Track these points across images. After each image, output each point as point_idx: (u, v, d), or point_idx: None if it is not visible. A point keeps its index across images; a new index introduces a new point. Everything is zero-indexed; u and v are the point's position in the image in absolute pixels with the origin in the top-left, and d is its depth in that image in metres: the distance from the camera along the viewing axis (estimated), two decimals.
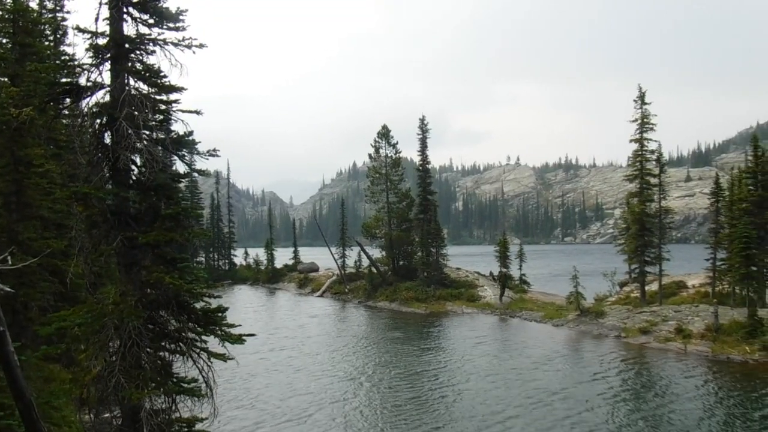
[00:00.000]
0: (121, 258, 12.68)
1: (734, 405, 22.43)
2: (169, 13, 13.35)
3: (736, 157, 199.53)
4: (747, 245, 32.23)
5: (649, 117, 41.56)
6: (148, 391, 11.85)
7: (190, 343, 12.91)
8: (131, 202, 13.14)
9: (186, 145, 13.51)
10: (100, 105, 13.04)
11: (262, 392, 24.79)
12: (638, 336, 34.08)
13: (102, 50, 13.06)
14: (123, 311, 11.86)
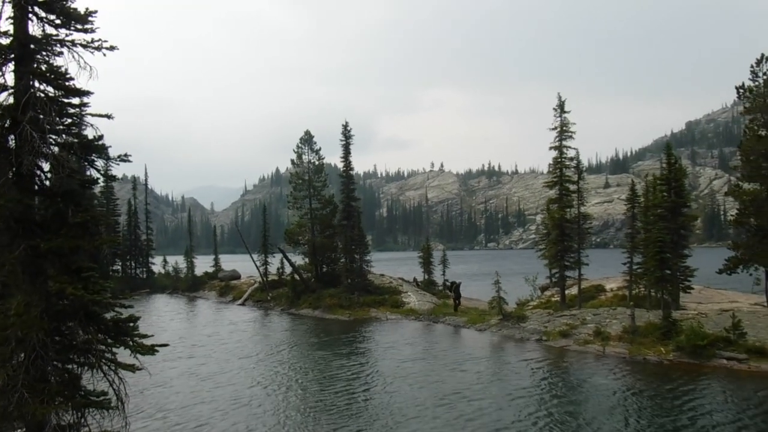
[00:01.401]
0: (26, 267, 12.15)
1: (650, 403, 23.18)
2: (77, 14, 12.92)
3: (652, 165, 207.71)
4: (661, 249, 33.48)
5: (568, 125, 42.74)
6: (54, 405, 11.38)
7: (99, 354, 12.47)
8: (36, 209, 12.61)
9: (96, 150, 13.08)
10: (3, 107, 12.49)
11: (172, 401, 24.27)
12: (559, 339, 34.88)
13: (5, 50, 12.53)
14: (26, 323, 11.36)
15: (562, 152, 42.89)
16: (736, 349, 28.62)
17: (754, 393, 23.95)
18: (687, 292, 39.52)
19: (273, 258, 65.00)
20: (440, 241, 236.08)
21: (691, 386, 24.98)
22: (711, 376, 26.45)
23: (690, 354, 29.06)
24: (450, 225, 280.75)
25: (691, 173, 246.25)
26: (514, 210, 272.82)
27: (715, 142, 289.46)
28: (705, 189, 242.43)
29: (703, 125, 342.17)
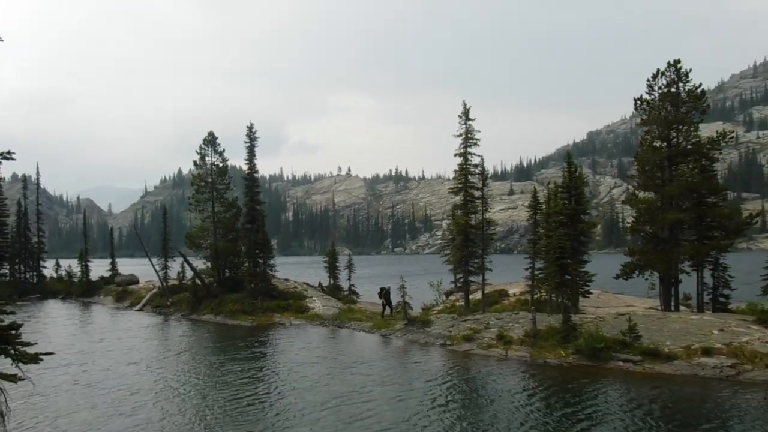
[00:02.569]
0: None
1: (548, 404, 23.78)
2: None
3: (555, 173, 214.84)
4: (561, 255, 34.46)
5: (473, 132, 43.41)
6: None
7: None
8: None
9: None
10: None
11: (50, 411, 23.31)
12: (463, 343, 35.35)
13: None
14: None
15: (467, 159, 43.56)
16: (631, 351, 29.73)
17: (647, 393, 24.92)
18: (586, 297, 40.86)
19: (174, 262, 63.23)
20: (347, 246, 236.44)
21: (589, 388, 25.78)
22: (608, 378, 27.36)
23: (588, 357, 30.01)
24: (357, 230, 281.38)
25: (592, 182, 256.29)
26: (420, 215, 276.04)
27: (614, 152, 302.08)
28: (605, 197, 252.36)
29: (604, 135, 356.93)
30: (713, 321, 33.07)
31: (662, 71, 40.10)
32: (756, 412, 22.17)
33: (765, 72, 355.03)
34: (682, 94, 39.59)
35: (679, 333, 31.30)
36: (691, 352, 29.00)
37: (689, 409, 22.77)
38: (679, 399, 24.10)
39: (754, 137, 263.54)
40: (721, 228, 38.94)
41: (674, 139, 39.91)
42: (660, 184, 39.82)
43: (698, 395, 24.62)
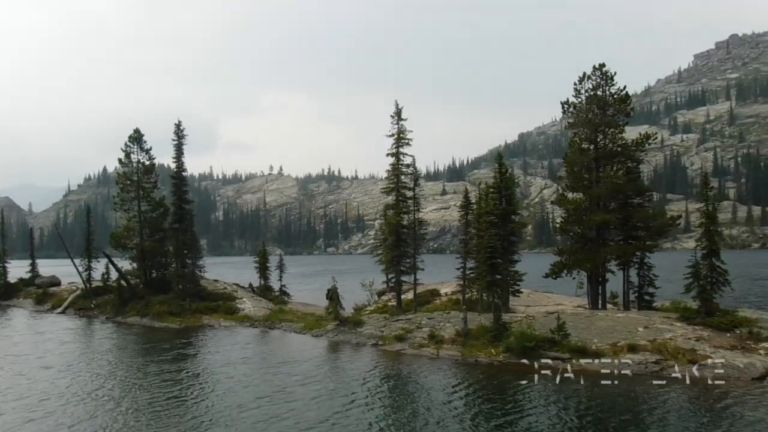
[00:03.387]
0: None
1: (478, 402, 24.24)
2: None
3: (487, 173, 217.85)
4: (492, 255, 34.97)
5: (406, 132, 43.69)
6: None
7: None
8: None
9: None
10: None
11: None
12: (394, 343, 35.53)
13: None
14: None
15: (399, 159, 43.78)
16: (560, 349, 30.40)
17: (576, 390, 25.57)
18: (516, 296, 41.58)
19: (98, 263, 61.46)
20: (279, 246, 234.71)
21: (519, 386, 26.29)
22: (537, 376, 27.83)
23: (519, 355, 30.50)
24: (289, 229, 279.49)
25: (523, 182, 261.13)
26: (353, 215, 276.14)
27: (545, 153, 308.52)
28: (535, 197, 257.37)
29: (535, 137, 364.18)
30: (639, 319, 34.13)
31: (588, 75, 41.12)
32: (678, 406, 23.01)
33: (689, 77, 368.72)
34: (608, 97, 40.69)
35: (606, 331, 32.19)
36: (618, 349, 29.87)
37: (615, 405, 23.46)
38: (605, 395, 24.79)
39: (678, 140, 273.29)
40: (646, 228, 40.21)
41: (601, 142, 40.99)
42: (588, 185, 40.84)
43: (623, 391, 25.38)
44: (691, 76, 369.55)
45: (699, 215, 35.88)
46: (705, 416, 22.04)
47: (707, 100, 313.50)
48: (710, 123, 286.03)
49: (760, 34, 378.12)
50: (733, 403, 23.30)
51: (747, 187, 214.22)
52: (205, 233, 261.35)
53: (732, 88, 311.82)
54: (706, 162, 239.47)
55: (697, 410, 22.79)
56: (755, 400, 23.43)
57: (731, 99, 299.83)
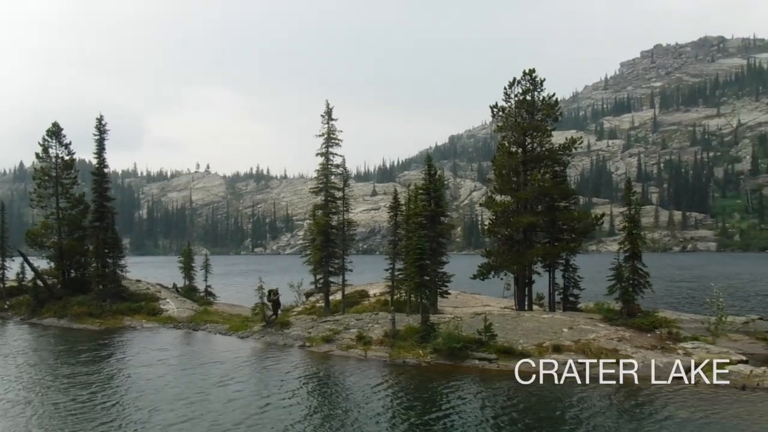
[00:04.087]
0: None
1: (403, 403, 24.43)
2: None
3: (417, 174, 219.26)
4: (420, 256, 35.25)
5: (336, 132, 43.72)
6: None
7: None
8: None
9: None
10: None
11: None
12: (322, 345, 35.46)
13: None
14: None
15: (328, 159, 43.77)
16: (487, 350, 30.90)
17: (501, 390, 26.04)
18: (444, 297, 42.02)
19: (12, 262, 59.23)
20: (205, 246, 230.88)
21: (446, 387, 26.56)
22: (465, 376, 28.32)
23: (446, 356, 30.90)
24: (215, 229, 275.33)
25: (453, 184, 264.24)
26: (282, 215, 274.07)
27: (475, 155, 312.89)
28: (465, 199, 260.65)
29: (465, 139, 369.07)
30: (563, 319, 34.98)
31: (518, 80, 41.96)
32: (600, 405, 23.71)
33: (615, 84, 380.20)
34: (537, 102, 41.62)
35: (532, 331, 32.87)
36: (543, 350, 30.55)
37: (539, 405, 23.98)
38: (530, 395, 25.31)
39: (604, 146, 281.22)
40: (571, 231, 41.28)
41: (529, 145, 41.88)
42: (515, 188, 41.65)
43: (549, 391, 25.97)
44: (617, 84, 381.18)
45: (623, 219, 36.99)
46: (626, 414, 22.75)
47: (632, 107, 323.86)
48: (635, 129, 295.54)
49: (683, 45, 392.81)
50: (652, 401, 24.14)
51: (669, 193, 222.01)
52: (128, 232, 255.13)
53: (656, 96, 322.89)
54: (630, 167, 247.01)
55: (619, 409, 23.51)
56: (673, 397, 24.31)
57: (655, 107, 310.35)
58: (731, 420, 21.38)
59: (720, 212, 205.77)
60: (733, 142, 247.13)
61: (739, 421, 21.22)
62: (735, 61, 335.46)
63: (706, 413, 22.20)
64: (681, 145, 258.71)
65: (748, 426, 20.82)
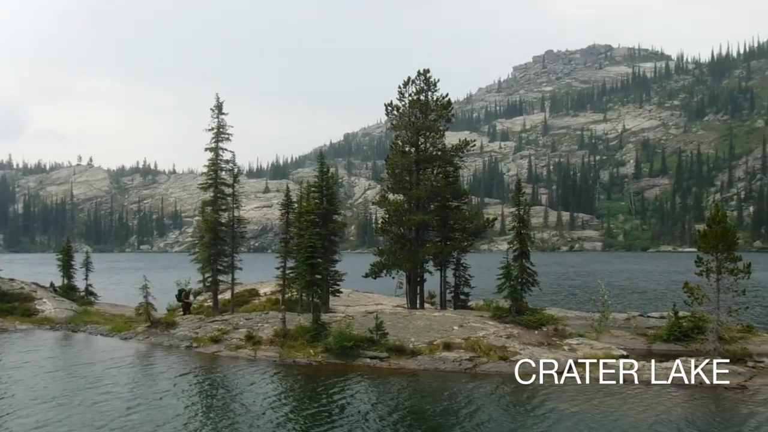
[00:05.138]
0: None
1: (294, 403, 24.48)
2: None
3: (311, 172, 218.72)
4: (312, 255, 35.25)
5: (226, 127, 43.04)
6: None
7: None
8: None
9: None
10: None
11: None
12: (210, 345, 34.87)
13: None
14: None
15: (218, 154, 43.05)
16: (378, 348, 31.25)
17: (392, 389, 26.44)
18: (336, 296, 42.13)
19: None
20: (87, 243, 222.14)
21: (337, 386, 26.71)
22: (356, 375, 28.53)
23: (338, 355, 31.03)
24: (98, 225, 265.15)
25: (347, 182, 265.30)
26: (170, 211, 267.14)
27: (369, 154, 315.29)
28: (359, 198, 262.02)
29: (360, 138, 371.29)
30: (454, 317, 35.78)
31: (413, 79, 42.56)
32: (490, 401, 24.46)
33: (507, 88, 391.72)
34: (431, 102, 42.35)
35: (423, 329, 33.45)
36: (434, 347, 31.20)
37: (431, 402, 24.51)
38: (421, 392, 25.84)
39: (497, 147, 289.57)
40: (463, 230, 42.26)
41: (422, 145, 42.56)
42: (408, 187, 42.22)
43: (439, 388, 26.59)
44: (510, 87, 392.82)
45: (512, 219, 38.23)
46: (513, 410, 23.61)
47: (524, 111, 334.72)
48: (526, 132, 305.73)
49: (573, 51, 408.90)
50: (540, 395, 25.12)
51: (558, 194, 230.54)
52: (2, 227, 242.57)
53: (546, 101, 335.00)
54: (521, 169, 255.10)
55: (507, 404, 24.35)
56: (559, 392, 25.36)
57: (546, 110, 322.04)
58: (610, 412, 22.53)
59: (605, 214, 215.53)
60: (618, 147, 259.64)
61: (618, 414, 22.37)
62: (621, 69, 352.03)
63: (588, 406, 23.30)
64: (570, 149, 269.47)
65: (626, 418, 22.00)
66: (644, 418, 21.88)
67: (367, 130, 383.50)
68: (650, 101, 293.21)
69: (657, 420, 21.58)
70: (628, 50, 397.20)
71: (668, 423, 21.30)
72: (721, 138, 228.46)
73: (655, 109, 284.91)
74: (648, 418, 21.78)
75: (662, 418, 21.80)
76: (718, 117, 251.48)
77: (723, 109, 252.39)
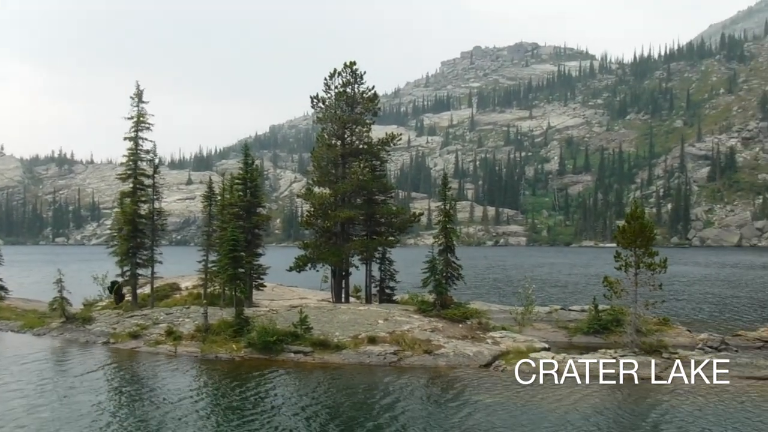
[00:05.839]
0: None
1: (216, 399, 24.40)
2: None
3: (236, 164, 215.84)
4: (235, 248, 34.94)
5: (147, 116, 42.13)
6: None
7: None
8: None
9: None
10: None
11: None
12: (128, 341, 34.22)
13: None
14: None
15: (138, 144, 42.13)
16: (302, 342, 31.30)
17: (316, 383, 26.53)
18: (260, 290, 41.88)
19: None
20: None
21: (260, 381, 26.69)
22: (280, 370, 28.54)
23: (261, 350, 30.94)
24: (10, 217, 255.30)
25: (273, 175, 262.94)
26: (88, 203, 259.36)
27: (296, 146, 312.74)
28: (285, 191, 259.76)
29: (286, 130, 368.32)
30: (379, 311, 36.10)
31: (339, 71, 42.56)
32: (412, 394, 24.80)
33: (435, 83, 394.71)
34: (357, 95, 42.44)
35: (348, 324, 33.63)
36: (359, 342, 31.43)
37: (354, 396, 24.70)
38: (344, 386, 26.00)
39: (424, 142, 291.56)
40: (389, 224, 42.55)
41: (348, 138, 42.64)
42: (334, 180, 42.25)
43: (364, 382, 26.83)
44: (438, 82, 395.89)
45: (439, 213, 38.66)
46: (437, 401, 24.11)
47: (452, 106, 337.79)
48: (453, 127, 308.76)
49: (500, 48, 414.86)
50: (462, 388, 25.68)
51: (484, 189, 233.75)
52: None
53: (474, 96, 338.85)
54: (448, 164, 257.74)
55: (428, 396, 24.80)
56: (482, 385, 25.92)
57: (473, 106, 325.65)
58: (524, 403, 23.24)
59: (530, 209, 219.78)
60: (543, 144, 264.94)
61: (540, 404, 23.05)
62: (547, 67, 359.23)
63: (511, 398, 23.92)
64: (496, 144, 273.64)
65: (542, 407, 22.70)
66: (556, 408, 22.70)
67: (293, 123, 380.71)
68: (575, 99, 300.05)
69: (569, 410, 22.41)
70: (554, 49, 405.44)
71: (580, 412, 22.15)
72: (642, 137, 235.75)
73: (579, 107, 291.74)
74: (559, 408, 22.58)
75: (575, 408, 22.67)
76: (639, 116, 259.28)
77: (644, 109, 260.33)
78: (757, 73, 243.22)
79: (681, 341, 33.68)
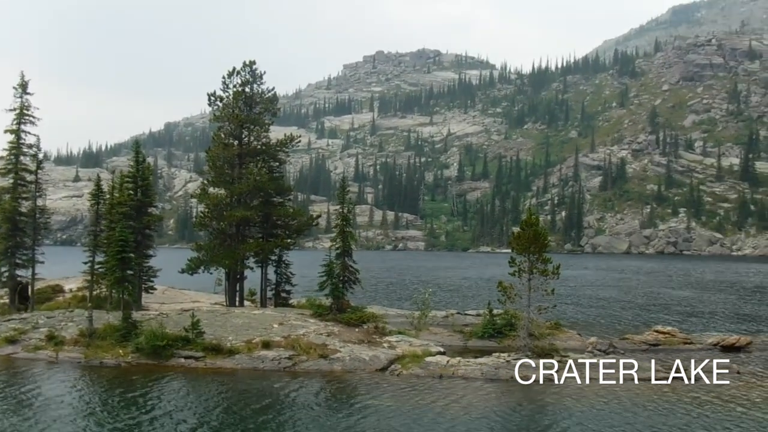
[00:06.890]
0: None
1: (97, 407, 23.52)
2: None
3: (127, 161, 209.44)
4: (123, 249, 33.75)
5: (31, 108, 40.39)
6: None
7: None
8: None
9: None
10: None
11: None
12: (5, 346, 32.50)
13: None
14: None
15: (20, 137, 40.30)
16: (194, 347, 30.52)
17: (207, 389, 25.97)
18: (150, 293, 40.80)
19: None
20: None
21: (148, 388, 25.84)
22: (169, 376, 27.73)
23: (150, 355, 29.99)
24: None
25: (167, 174, 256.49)
26: None
27: (192, 145, 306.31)
28: (180, 190, 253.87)
29: (182, 128, 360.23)
30: (274, 315, 35.72)
31: (238, 70, 42.02)
32: (305, 399, 24.65)
33: (338, 85, 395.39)
34: (256, 95, 42.01)
35: (241, 328, 33.09)
36: (252, 346, 30.94)
37: (247, 402, 24.27)
38: (236, 392, 25.55)
39: (324, 144, 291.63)
40: (286, 227, 42.23)
41: (246, 138, 42.13)
42: (230, 181, 41.61)
43: (257, 387, 26.43)
44: (340, 85, 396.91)
45: (337, 216, 38.63)
46: (330, 406, 24.02)
47: (353, 109, 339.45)
48: (354, 131, 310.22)
49: (403, 54, 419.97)
50: (356, 392, 25.70)
51: (383, 194, 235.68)
52: None
53: (375, 101, 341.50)
54: (348, 167, 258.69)
55: (324, 401, 24.73)
56: (376, 389, 25.98)
57: (374, 110, 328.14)
58: (428, 406, 23.46)
59: (429, 214, 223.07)
60: (443, 150, 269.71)
61: (434, 408, 23.30)
62: (448, 75, 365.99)
63: (406, 401, 24.07)
64: (396, 149, 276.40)
65: (434, 410, 22.99)
66: (448, 409, 23.05)
67: (189, 120, 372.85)
68: (475, 107, 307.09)
69: (462, 411, 22.85)
70: (456, 57, 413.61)
71: (473, 413, 22.62)
72: (539, 146, 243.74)
73: (479, 115, 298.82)
74: (452, 410, 22.97)
75: (468, 409, 23.14)
76: (536, 126, 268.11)
77: (541, 119, 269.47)
78: (647, 89, 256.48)
79: (572, 344, 34.83)
